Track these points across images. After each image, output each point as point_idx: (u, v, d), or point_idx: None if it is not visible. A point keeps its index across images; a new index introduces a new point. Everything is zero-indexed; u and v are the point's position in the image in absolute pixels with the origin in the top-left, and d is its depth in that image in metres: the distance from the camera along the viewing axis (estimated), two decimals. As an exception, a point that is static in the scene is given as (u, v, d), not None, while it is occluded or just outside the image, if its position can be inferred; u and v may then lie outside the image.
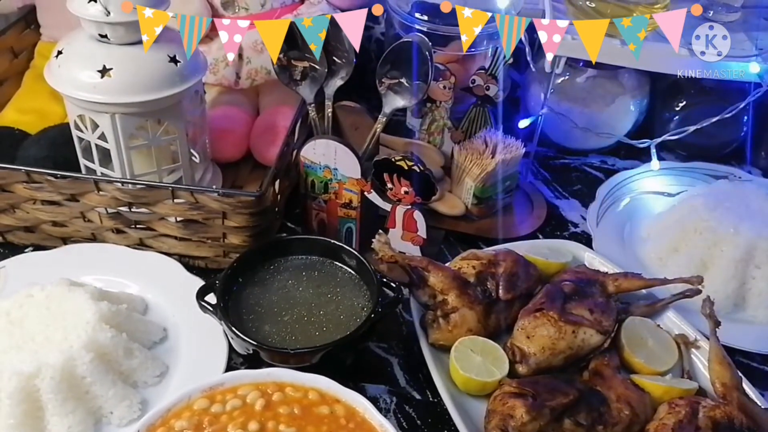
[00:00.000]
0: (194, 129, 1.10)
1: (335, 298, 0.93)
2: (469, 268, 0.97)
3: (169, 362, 0.93)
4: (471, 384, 0.87)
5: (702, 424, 0.78)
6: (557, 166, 1.37)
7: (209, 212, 0.98)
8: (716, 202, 1.09)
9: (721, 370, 0.83)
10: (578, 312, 0.92)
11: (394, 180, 1.01)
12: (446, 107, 1.21)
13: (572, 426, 0.79)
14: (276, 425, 0.77)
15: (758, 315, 1.03)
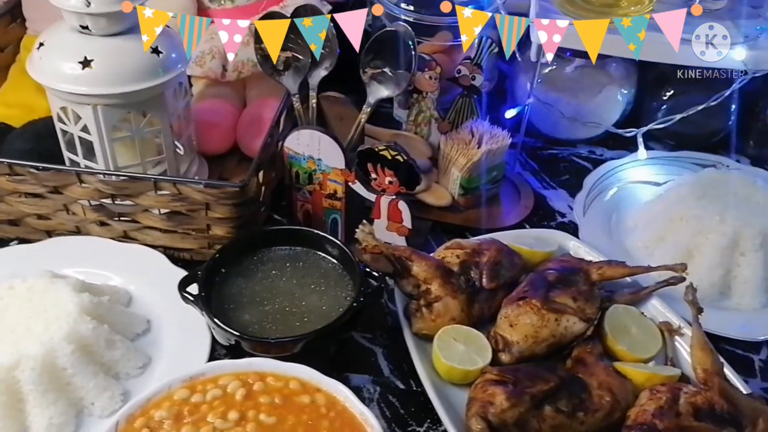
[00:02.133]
0: (179, 121, 1.09)
1: (318, 289, 0.93)
2: (452, 258, 0.97)
3: (152, 353, 0.93)
4: (454, 373, 0.87)
5: (683, 410, 0.78)
6: (545, 157, 1.37)
7: (192, 203, 0.98)
8: (702, 190, 1.09)
9: (702, 356, 0.83)
10: (561, 300, 0.92)
11: (378, 170, 1.01)
12: (432, 98, 1.21)
13: (553, 413, 0.79)
14: (256, 414, 0.77)
15: (743, 302, 1.03)
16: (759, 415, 0.78)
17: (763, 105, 1.32)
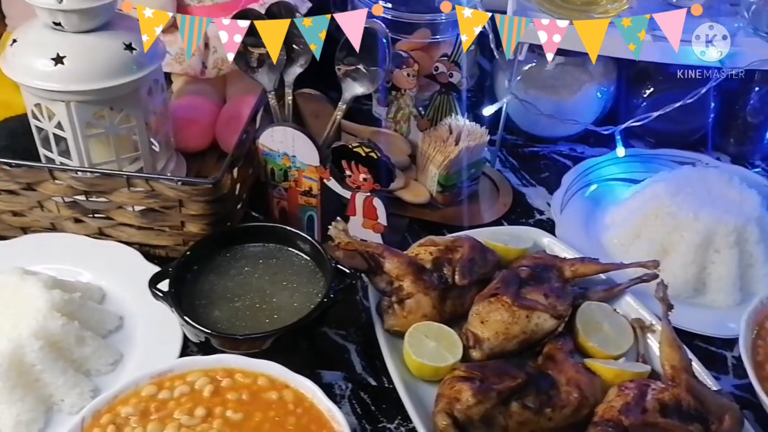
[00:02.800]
0: (155, 118, 1.09)
1: (290, 286, 0.93)
2: (426, 255, 0.97)
3: (124, 350, 0.93)
4: (424, 369, 0.87)
5: (649, 406, 0.78)
6: (526, 154, 1.37)
7: (166, 200, 0.98)
8: (677, 187, 1.09)
9: (671, 353, 0.83)
10: (533, 297, 0.92)
11: (352, 167, 1.00)
12: (411, 95, 1.21)
13: (520, 409, 0.79)
14: (223, 411, 0.78)
15: (718, 299, 1.03)
16: (726, 412, 0.78)
17: (742, 103, 1.32)
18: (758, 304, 0.93)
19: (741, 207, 1.06)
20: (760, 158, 1.37)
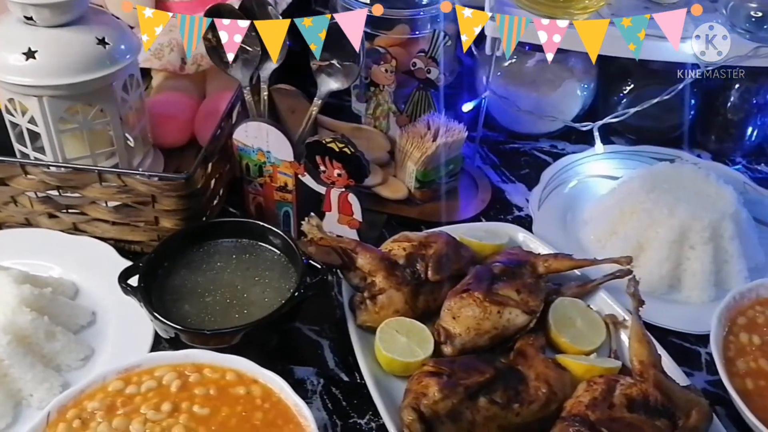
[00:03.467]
0: (131, 113, 1.09)
1: (263, 281, 0.92)
2: (399, 250, 0.97)
3: (96, 346, 0.93)
4: (394, 365, 0.87)
5: (617, 401, 0.77)
6: (506, 151, 1.37)
7: (139, 196, 0.98)
8: (653, 184, 1.09)
9: (639, 348, 0.83)
10: (505, 292, 0.92)
11: (326, 162, 1.00)
12: (389, 91, 1.21)
13: (487, 404, 0.79)
14: (190, 406, 0.77)
15: (692, 296, 1.03)
16: (693, 407, 0.78)
17: (723, 100, 1.32)
18: (730, 300, 0.93)
19: (716, 203, 1.06)
20: (740, 155, 1.37)
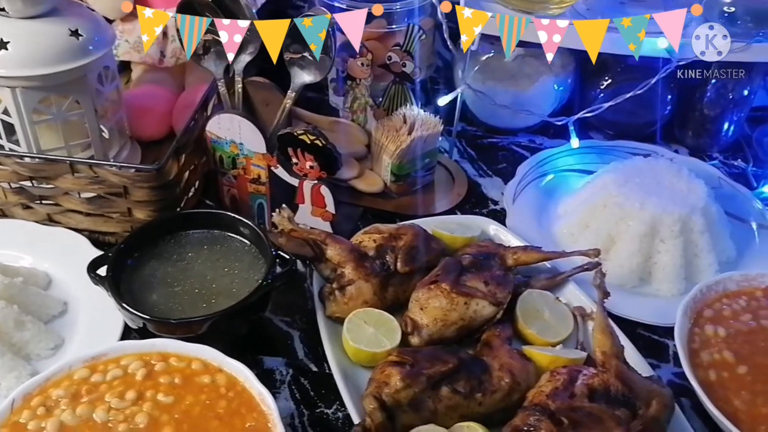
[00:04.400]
0: (106, 105, 1.09)
1: (232, 272, 0.93)
2: (369, 242, 0.97)
3: (66, 335, 0.93)
4: (361, 355, 0.88)
5: (578, 391, 0.78)
6: (484, 145, 1.37)
7: (111, 186, 0.98)
8: (625, 178, 1.10)
9: (602, 339, 0.84)
10: (472, 284, 0.92)
11: (298, 154, 1.01)
12: (366, 85, 1.21)
13: (449, 393, 0.79)
14: (154, 394, 0.78)
15: (662, 289, 1.04)
16: (654, 397, 0.79)
17: (699, 95, 1.32)
18: (697, 293, 0.94)
19: (687, 197, 1.06)
20: (717, 150, 1.38)
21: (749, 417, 0.82)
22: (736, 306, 0.95)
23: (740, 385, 0.85)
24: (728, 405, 0.83)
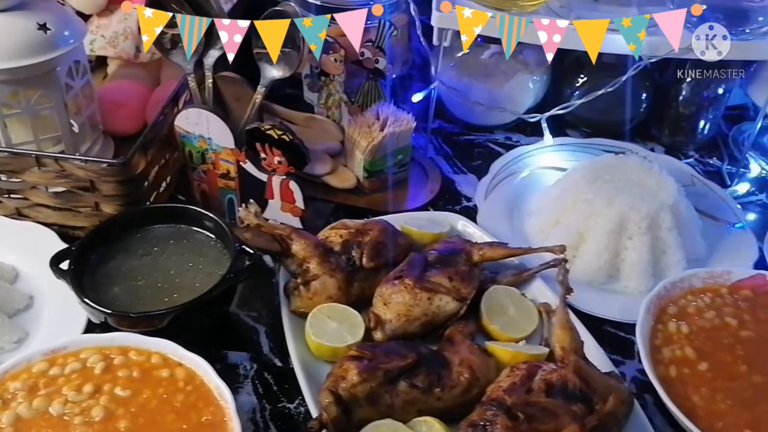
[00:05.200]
0: (77, 99, 1.09)
1: (196, 266, 0.93)
2: (336, 237, 0.98)
3: (30, 329, 0.93)
4: (323, 350, 0.88)
5: (535, 387, 0.78)
6: (461, 142, 1.37)
7: (78, 180, 0.98)
8: (596, 175, 1.10)
9: (562, 335, 0.84)
10: (437, 279, 0.92)
11: (266, 149, 1.01)
12: (340, 81, 1.21)
13: (407, 388, 0.80)
14: (112, 388, 0.78)
15: (630, 286, 1.04)
16: (611, 393, 0.79)
17: (675, 93, 1.32)
18: (661, 290, 0.94)
19: (656, 194, 1.07)
20: (693, 149, 1.38)
21: (707, 413, 0.82)
22: (700, 303, 0.95)
23: (700, 382, 0.85)
24: (687, 401, 0.83)
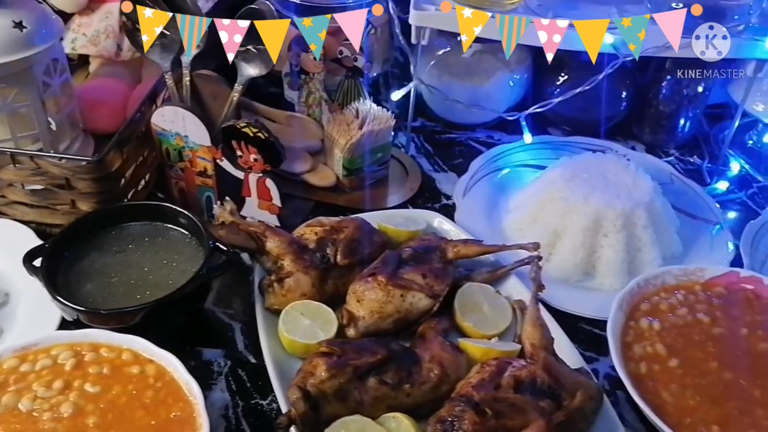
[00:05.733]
0: (56, 97, 1.09)
1: (170, 264, 0.93)
2: (311, 235, 0.98)
3: (5, 326, 0.93)
4: (295, 346, 0.88)
5: (504, 383, 0.79)
6: (442, 141, 1.38)
7: (53, 178, 0.99)
8: (573, 173, 1.10)
9: (532, 332, 0.84)
10: (410, 276, 0.93)
11: (242, 147, 1.01)
12: (319, 79, 1.21)
13: (377, 384, 0.80)
14: (82, 384, 0.79)
15: (605, 283, 1.05)
16: (579, 389, 0.79)
17: (655, 92, 1.33)
18: (634, 287, 0.95)
19: (632, 192, 1.07)
20: (674, 147, 1.38)
21: (676, 409, 0.82)
22: (673, 300, 0.95)
23: (670, 378, 0.85)
24: (656, 397, 0.83)
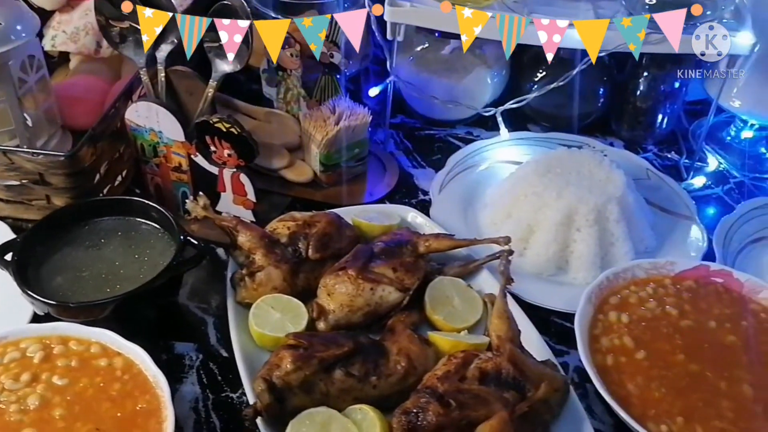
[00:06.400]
0: (33, 94, 1.10)
1: (142, 258, 0.94)
2: (283, 229, 0.98)
3: (-24, 321, 0.94)
4: (265, 339, 0.89)
5: (469, 374, 0.79)
6: (422, 137, 1.38)
7: (27, 173, 0.99)
8: (547, 168, 1.11)
9: (499, 324, 0.85)
10: (380, 270, 0.93)
11: (216, 142, 1.02)
12: (297, 75, 1.22)
13: (343, 376, 0.80)
14: (50, 376, 0.79)
15: (578, 277, 1.05)
16: (544, 380, 0.80)
17: (632, 88, 1.33)
18: (603, 280, 0.96)
19: (605, 187, 1.08)
20: (652, 143, 1.39)
21: (641, 401, 0.83)
22: (642, 293, 0.96)
23: (636, 370, 0.86)
24: (622, 389, 0.84)
